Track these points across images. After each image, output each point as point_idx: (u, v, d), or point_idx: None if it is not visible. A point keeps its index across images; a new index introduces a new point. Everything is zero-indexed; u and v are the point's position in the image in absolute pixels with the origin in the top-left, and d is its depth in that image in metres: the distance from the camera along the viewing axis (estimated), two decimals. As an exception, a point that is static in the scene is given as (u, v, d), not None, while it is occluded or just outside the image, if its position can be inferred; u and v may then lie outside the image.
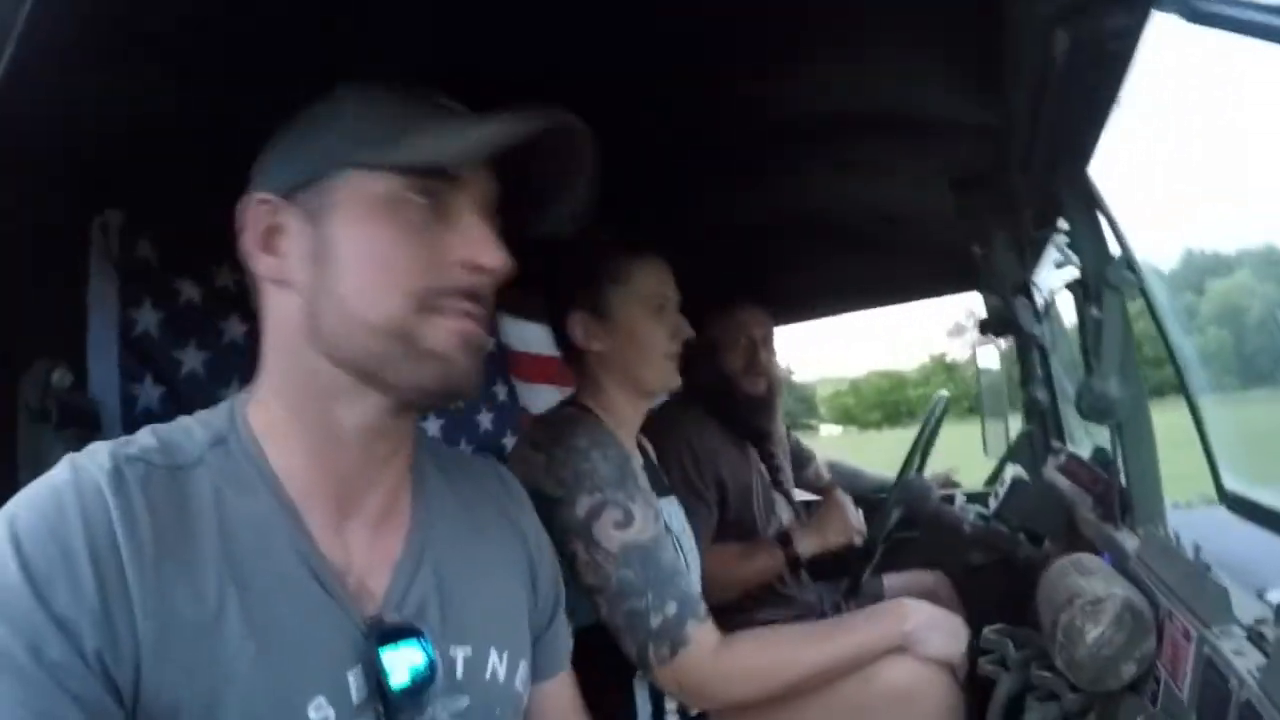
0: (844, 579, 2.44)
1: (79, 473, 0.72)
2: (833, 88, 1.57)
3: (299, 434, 0.83)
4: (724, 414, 2.33)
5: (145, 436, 0.79)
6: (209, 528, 0.75)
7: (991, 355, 2.95)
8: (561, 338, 1.62)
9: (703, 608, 1.37)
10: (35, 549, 0.67)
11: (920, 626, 1.47)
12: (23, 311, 1.11)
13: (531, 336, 2.39)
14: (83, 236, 1.24)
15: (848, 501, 2.18)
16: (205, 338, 1.43)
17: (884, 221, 2.37)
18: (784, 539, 2.14)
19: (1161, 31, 1.00)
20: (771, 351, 2.46)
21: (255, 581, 0.75)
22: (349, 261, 0.80)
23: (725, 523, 2.19)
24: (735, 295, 2.42)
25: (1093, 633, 1.16)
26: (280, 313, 0.84)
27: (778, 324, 2.54)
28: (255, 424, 0.83)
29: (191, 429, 0.82)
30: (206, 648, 0.71)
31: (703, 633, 1.34)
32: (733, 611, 2.02)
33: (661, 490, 1.67)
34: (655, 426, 1.82)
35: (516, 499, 1.07)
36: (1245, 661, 0.89)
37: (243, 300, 1.46)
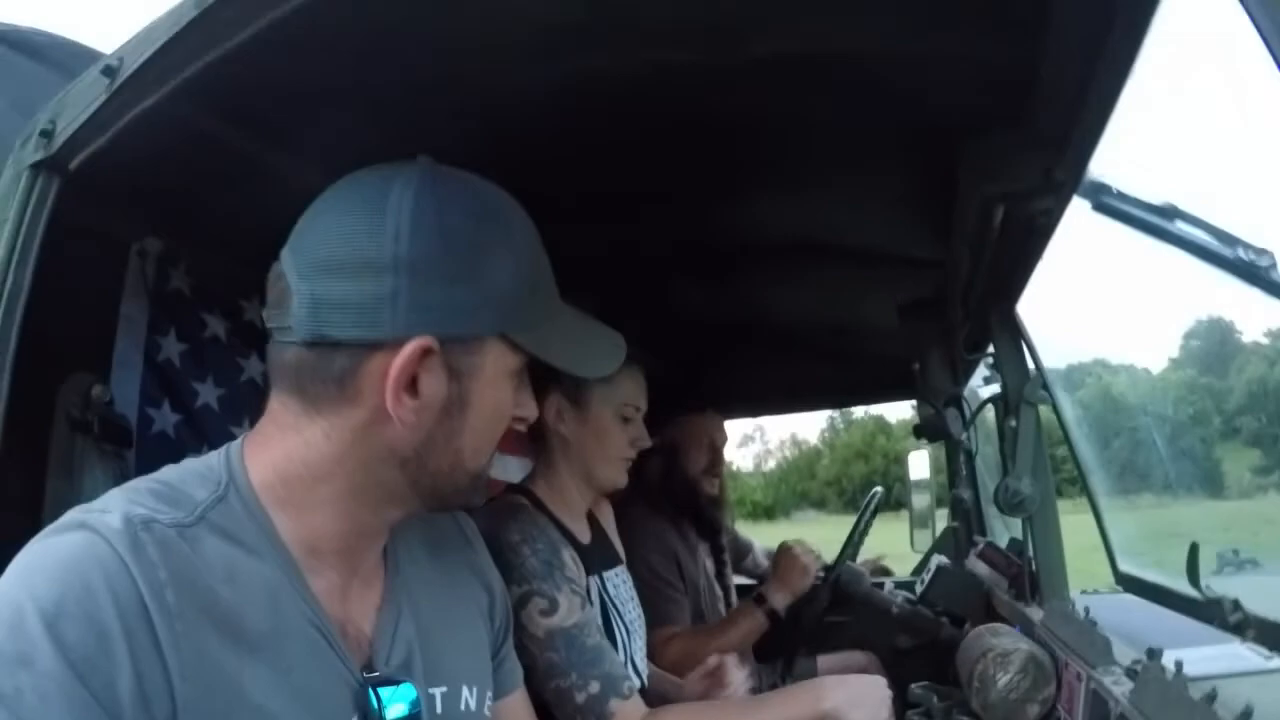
0: (779, 660, 2.64)
1: (94, 538, 0.70)
2: (801, 218, 1.87)
3: (331, 517, 0.84)
4: (686, 513, 2.54)
5: (145, 493, 0.77)
6: (222, 586, 0.75)
7: (921, 462, 3.26)
8: None
9: (627, 685, 1.46)
10: (70, 631, 0.66)
11: (841, 705, 1.45)
12: (62, 324, 1.13)
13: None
14: (122, 259, 1.28)
15: (797, 549, 2.38)
16: (224, 373, 1.46)
17: (833, 333, 2.69)
18: (758, 599, 2.33)
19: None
20: (722, 456, 2.67)
21: (267, 638, 0.77)
22: (476, 420, 0.85)
23: None
24: (700, 401, 2.61)
25: (1002, 679, 1.43)
26: (376, 437, 0.82)
27: (731, 418, 2.81)
28: (261, 485, 0.83)
29: (189, 481, 0.81)
30: (236, 705, 0.73)
31: (626, 708, 1.42)
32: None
33: (612, 560, 1.83)
34: (621, 525, 1.99)
35: (468, 533, 1.11)
36: (1121, 689, 1.16)
37: (266, 339, 1.55)
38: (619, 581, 1.81)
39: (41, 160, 1.04)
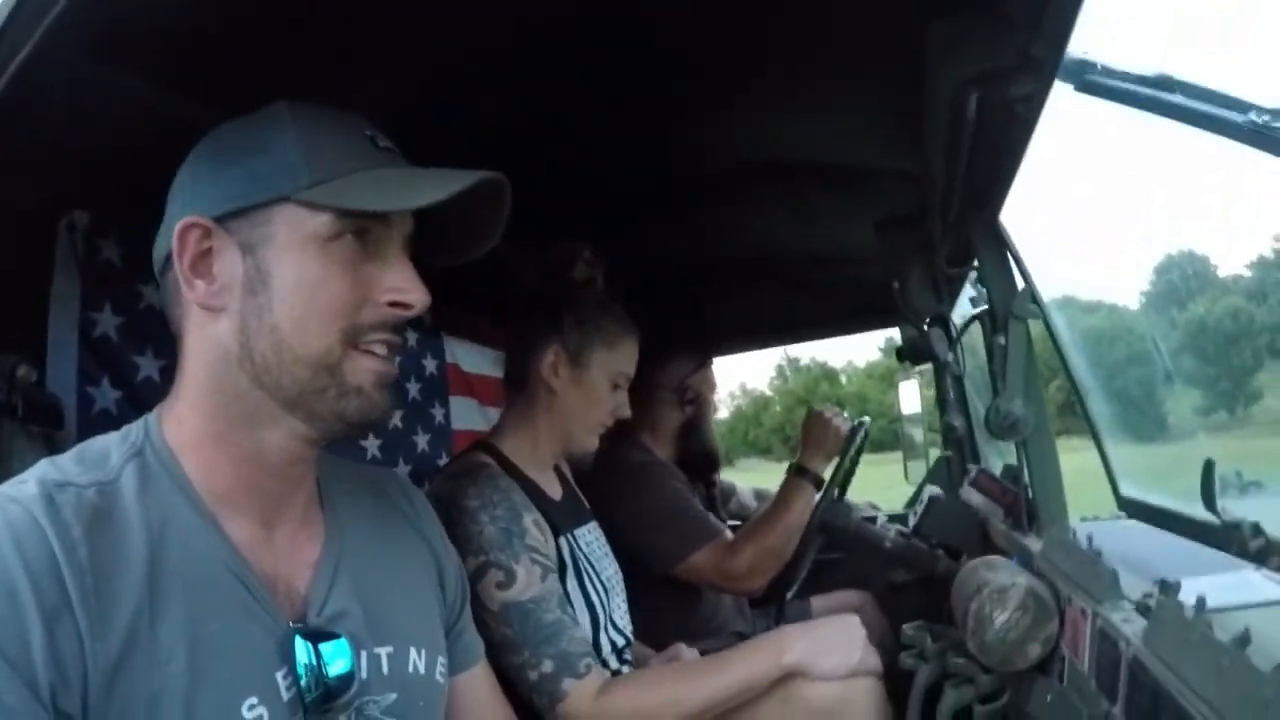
0: (772, 605, 2.54)
1: (7, 505, 0.73)
2: (766, 136, 1.73)
3: (221, 451, 0.86)
4: (696, 459, 2.58)
5: (66, 460, 0.81)
6: (137, 541, 0.77)
7: (912, 392, 3.13)
8: (520, 359, 1.66)
9: (584, 663, 1.42)
10: None
11: (805, 655, 1.47)
12: None
13: (487, 360, 2.52)
14: (49, 234, 1.23)
15: (827, 411, 2.35)
16: (163, 345, 1.38)
17: (811, 260, 2.55)
18: (799, 470, 2.27)
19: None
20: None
21: (184, 590, 0.78)
22: (284, 293, 0.83)
23: None
24: (710, 350, 2.69)
25: (1000, 617, 1.31)
26: (210, 337, 0.85)
27: (715, 357, 2.73)
28: (171, 437, 0.85)
29: (109, 444, 0.84)
30: (146, 657, 0.74)
31: (580, 686, 1.39)
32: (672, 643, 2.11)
33: (583, 516, 1.75)
34: (620, 470, 2.02)
35: (417, 505, 1.13)
36: (1132, 627, 1.04)
37: None
38: (592, 538, 1.73)
39: None
